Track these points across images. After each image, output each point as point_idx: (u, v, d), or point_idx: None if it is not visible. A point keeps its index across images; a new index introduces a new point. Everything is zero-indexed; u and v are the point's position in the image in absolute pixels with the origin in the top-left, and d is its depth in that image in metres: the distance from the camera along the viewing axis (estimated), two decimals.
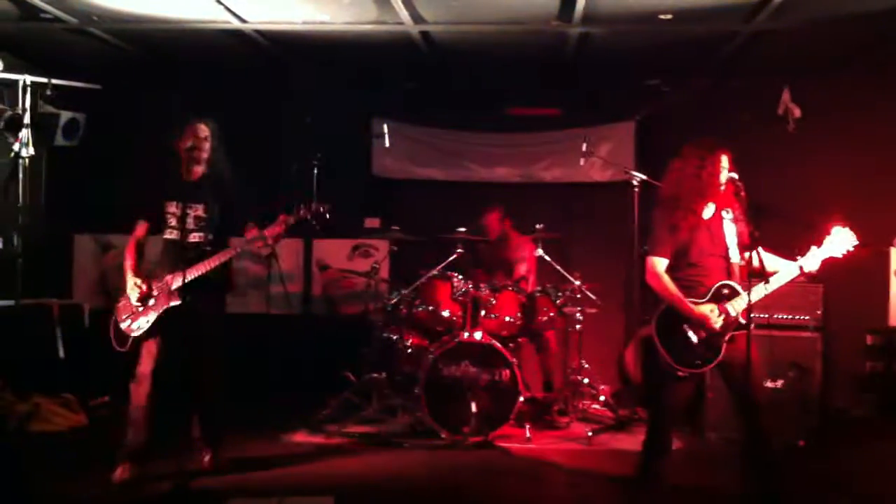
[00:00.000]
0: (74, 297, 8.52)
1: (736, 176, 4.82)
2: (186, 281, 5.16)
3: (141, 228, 5.54)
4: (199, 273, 5.28)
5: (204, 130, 5.53)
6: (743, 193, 4.78)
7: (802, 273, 4.87)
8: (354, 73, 8.66)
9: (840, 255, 4.89)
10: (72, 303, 7.94)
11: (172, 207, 5.45)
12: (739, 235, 4.98)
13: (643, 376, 7.66)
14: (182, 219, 5.38)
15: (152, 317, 5.30)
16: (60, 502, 5.09)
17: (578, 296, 7.32)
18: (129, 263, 5.43)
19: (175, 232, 5.39)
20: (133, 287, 5.32)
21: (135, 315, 5.33)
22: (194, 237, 5.43)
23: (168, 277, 5.31)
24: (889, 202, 8.04)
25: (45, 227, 8.50)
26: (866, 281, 7.79)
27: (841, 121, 8.26)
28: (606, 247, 8.57)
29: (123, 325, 5.36)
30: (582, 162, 7.97)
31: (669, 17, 6.68)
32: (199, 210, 5.46)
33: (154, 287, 5.34)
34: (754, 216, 4.85)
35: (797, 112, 8.32)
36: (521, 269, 7.90)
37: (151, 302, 5.31)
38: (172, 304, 5.26)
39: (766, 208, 5.12)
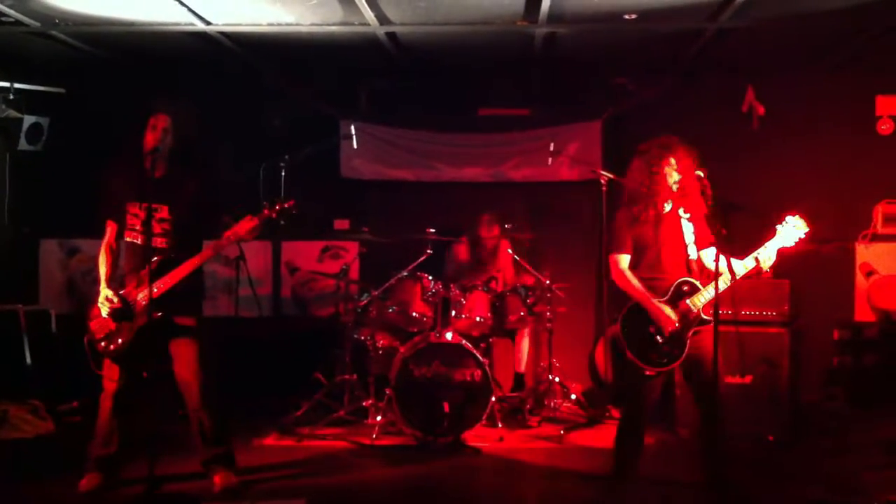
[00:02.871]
0: (41, 302, 8.43)
1: (702, 174, 4.86)
2: (155, 297, 4.86)
3: (111, 231, 5.21)
4: (169, 287, 5.00)
5: (163, 121, 5.11)
6: (709, 192, 4.82)
7: (758, 265, 4.92)
8: (322, 75, 8.63)
9: (792, 245, 4.95)
10: (38, 308, 7.84)
11: (135, 209, 5.10)
12: (696, 233, 5.06)
13: (614, 375, 7.70)
14: (147, 221, 5.00)
15: (125, 337, 5.03)
16: None
17: (549, 295, 7.34)
18: (103, 272, 5.13)
19: (139, 236, 5.09)
20: (104, 301, 5.04)
21: (111, 335, 5.05)
22: (158, 242, 5.07)
23: (135, 291, 5.05)
24: (854, 198, 8.15)
25: (9, 233, 8.42)
26: (833, 276, 7.90)
27: (806, 118, 8.38)
28: (576, 246, 8.61)
29: (101, 345, 5.07)
30: (550, 161, 7.99)
31: (634, 16, 6.71)
32: (162, 212, 5.09)
33: (127, 299, 5.06)
34: (722, 213, 4.89)
35: (761, 110, 8.39)
36: (496, 267, 7.92)
37: (122, 317, 5.04)
38: (144, 323, 4.97)
39: (735, 206, 5.15)
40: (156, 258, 5.00)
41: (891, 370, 7.70)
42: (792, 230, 4.96)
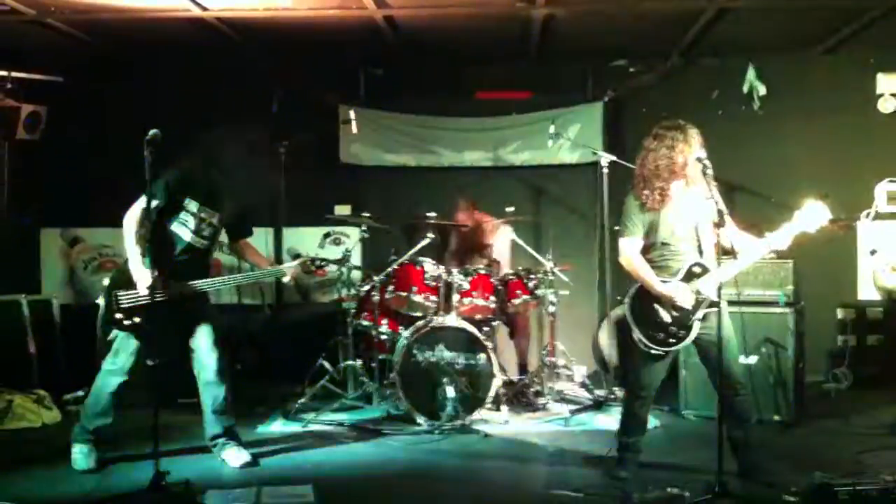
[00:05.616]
0: (43, 291, 8.41)
1: (703, 154, 4.82)
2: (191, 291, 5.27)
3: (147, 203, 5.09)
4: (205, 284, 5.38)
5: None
6: (710, 172, 4.77)
7: (772, 250, 4.85)
8: (320, 60, 8.59)
9: (813, 231, 4.84)
10: (40, 298, 7.84)
11: (194, 207, 5.35)
12: (710, 214, 4.93)
13: (619, 355, 7.69)
14: (202, 223, 5.36)
15: (142, 317, 5.13)
16: (36, 499, 5.03)
17: (551, 278, 7.32)
18: (140, 250, 5.15)
19: (189, 233, 5.33)
20: (148, 278, 5.02)
21: (131, 311, 5.16)
22: (202, 243, 5.41)
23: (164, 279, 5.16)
24: (856, 177, 8.14)
25: (9, 222, 8.40)
26: (836, 255, 7.89)
27: (807, 97, 8.36)
28: (577, 228, 8.60)
29: (118, 316, 5.16)
30: (550, 144, 7.97)
31: None
32: (214, 218, 5.42)
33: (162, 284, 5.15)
34: (724, 195, 4.85)
35: (762, 89, 8.37)
36: (494, 251, 7.90)
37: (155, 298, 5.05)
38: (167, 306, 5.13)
39: (736, 186, 5.11)
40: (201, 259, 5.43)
41: (894, 349, 7.72)
42: (813, 216, 4.76)
